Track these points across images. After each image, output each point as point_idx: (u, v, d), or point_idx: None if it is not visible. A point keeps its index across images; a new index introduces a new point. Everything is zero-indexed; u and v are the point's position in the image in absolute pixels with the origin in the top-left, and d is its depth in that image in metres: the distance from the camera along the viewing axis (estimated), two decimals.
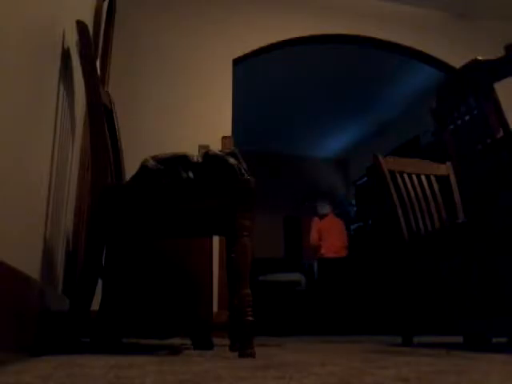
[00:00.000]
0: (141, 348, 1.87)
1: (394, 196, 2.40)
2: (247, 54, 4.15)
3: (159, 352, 1.57)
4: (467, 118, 1.90)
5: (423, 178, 2.51)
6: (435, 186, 2.52)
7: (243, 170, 1.53)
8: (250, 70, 5.00)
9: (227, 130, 3.88)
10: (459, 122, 1.96)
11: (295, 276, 6.17)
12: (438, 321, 3.90)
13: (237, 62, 4.14)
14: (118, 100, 1.98)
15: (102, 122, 1.57)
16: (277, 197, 8.03)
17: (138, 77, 3.83)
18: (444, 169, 2.61)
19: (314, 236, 6.35)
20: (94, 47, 1.64)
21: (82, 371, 0.87)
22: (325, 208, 6.46)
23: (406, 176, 2.46)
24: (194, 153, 1.62)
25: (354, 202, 7.67)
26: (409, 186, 2.44)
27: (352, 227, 7.29)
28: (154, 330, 1.98)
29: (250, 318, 1.36)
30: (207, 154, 1.54)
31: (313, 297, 5.89)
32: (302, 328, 5.40)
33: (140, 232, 1.82)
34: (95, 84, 1.58)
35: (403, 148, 6.47)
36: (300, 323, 5.58)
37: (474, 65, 1.79)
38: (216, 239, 3.26)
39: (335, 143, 8.19)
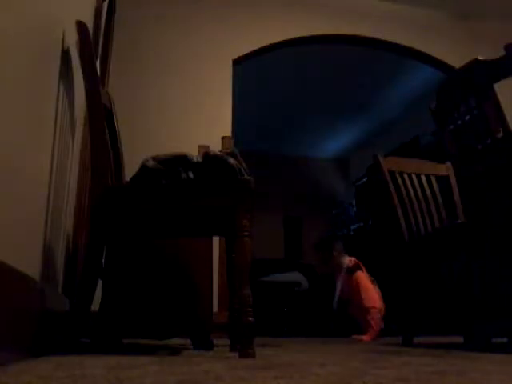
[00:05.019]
0: (141, 348, 1.87)
1: (394, 196, 2.39)
2: (247, 53, 4.15)
3: (159, 352, 1.57)
4: (467, 117, 1.90)
5: (423, 178, 2.51)
6: (435, 186, 2.52)
7: (243, 171, 1.53)
8: (250, 70, 5.00)
9: (227, 130, 3.88)
10: (459, 122, 1.96)
11: (295, 276, 6.16)
12: (438, 321, 3.90)
13: (237, 62, 4.13)
14: (117, 100, 1.98)
15: (101, 122, 1.57)
16: (277, 197, 8.03)
17: (138, 77, 3.83)
18: (444, 169, 2.61)
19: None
20: (93, 47, 1.64)
21: (82, 371, 0.87)
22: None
23: (406, 176, 2.46)
24: (193, 153, 1.62)
25: (354, 202, 7.66)
26: (409, 186, 2.44)
27: (352, 227, 7.28)
28: (154, 330, 1.97)
29: (250, 319, 1.36)
30: (207, 155, 1.54)
31: (313, 297, 5.89)
32: (302, 329, 5.40)
33: (140, 232, 1.82)
34: (95, 84, 1.58)
35: (403, 148, 6.46)
36: (300, 324, 5.58)
37: (474, 65, 1.79)
38: (216, 239, 3.26)
39: (335, 143, 8.18)
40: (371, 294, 3.49)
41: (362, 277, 3.53)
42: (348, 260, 3.59)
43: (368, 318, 3.39)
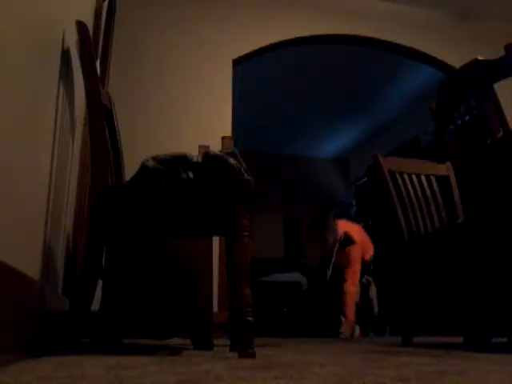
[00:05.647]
0: (141, 348, 1.87)
1: (394, 196, 2.39)
2: (247, 53, 4.15)
3: (159, 352, 1.57)
4: (467, 117, 1.90)
5: (423, 178, 2.50)
6: (435, 186, 2.52)
7: (243, 171, 1.53)
8: (250, 70, 5.00)
9: (227, 130, 3.88)
10: (459, 121, 1.96)
11: (295, 277, 6.16)
12: (438, 321, 3.90)
13: (237, 62, 4.13)
14: (117, 100, 1.98)
15: (101, 122, 1.57)
16: (277, 197, 8.02)
17: (138, 77, 3.83)
18: (444, 169, 2.61)
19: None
20: (93, 47, 1.64)
21: (82, 371, 0.87)
22: None
23: (406, 176, 2.46)
24: (193, 153, 1.62)
25: (354, 202, 7.66)
26: (409, 186, 2.44)
27: None
28: (154, 330, 1.98)
29: (250, 319, 1.36)
30: (207, 155, 1.54)
31: (313, 298, 5.89)
32: (302, 329, 5.40)
33: (140, 232, 1.82)
34: (95, 84, 1.58)
35: (403, 148, 6.46)
36: (300, 324, 5.57)
37: (474, 65, 1.79)
38: (216, 239, 3.26)
39: (335, 143, 8.18)
40: (355, 274, 3.80)
41: (353, 251, 3.82)
42: (341, 234, 3.80)
43: (344, 302, 3.68)
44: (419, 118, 5.85)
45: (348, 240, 3.87)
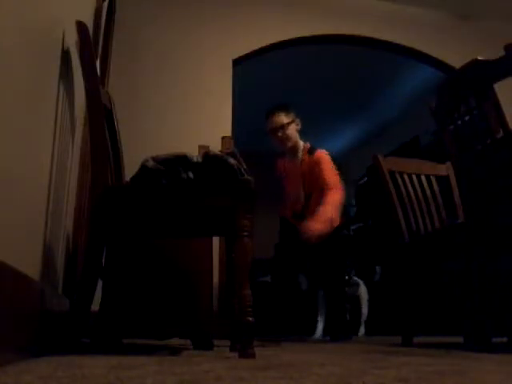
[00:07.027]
0: (141, 348, 1.87)
1: (394, 196, 2.39)
2: (247, 54, 4.15)
3: (159, 352, 1.57)
4: (467, 117, 1.90)
5: (423, 178, 2.51)
6: (435, 186, 2.52)
7: (243, 171, 1.53)
8: (249, 70, 5.00)
9: (227, 130, 3.88)
10: (459, 122, 1.96)
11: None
12: (438, 321, 3.90)
13: (237, 62, 4.13)
14: (117, 100, 1.98)
15: (101, 122, 1.57)
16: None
17: (138, 77, 3.83)
18: (444, 169, 2.61)
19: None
20: (93, 47, 1.64)
21: (82, 372, 0.87)
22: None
23: (406, 176, 2.46)
24: (193, 153, 1.62)
25: (354, 202, 7.66)
26: (409, 186, 2.44)
27: (352, 227, 7.27)
28: (154, 330, 1.97)
29: (251, 319, 1.36)
30: (207, 155, 1.54)
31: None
32: (302, 329, 5.39)
33: (140, 232, 1.82)
34: (95, 84, 1.58)
35: (403, 148, 6.46)
36: (300, 324, 5.57)
37: (474, 65, 1.79)
38: (216, 239, 3.26)
39: (335, 143, 8.18)
40: (335, 175, 3.25)
41: (325, 155, 3.35)
42: (303, 144, 3.46)
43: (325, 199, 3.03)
44: (419, 118, 5.84)
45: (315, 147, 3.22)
